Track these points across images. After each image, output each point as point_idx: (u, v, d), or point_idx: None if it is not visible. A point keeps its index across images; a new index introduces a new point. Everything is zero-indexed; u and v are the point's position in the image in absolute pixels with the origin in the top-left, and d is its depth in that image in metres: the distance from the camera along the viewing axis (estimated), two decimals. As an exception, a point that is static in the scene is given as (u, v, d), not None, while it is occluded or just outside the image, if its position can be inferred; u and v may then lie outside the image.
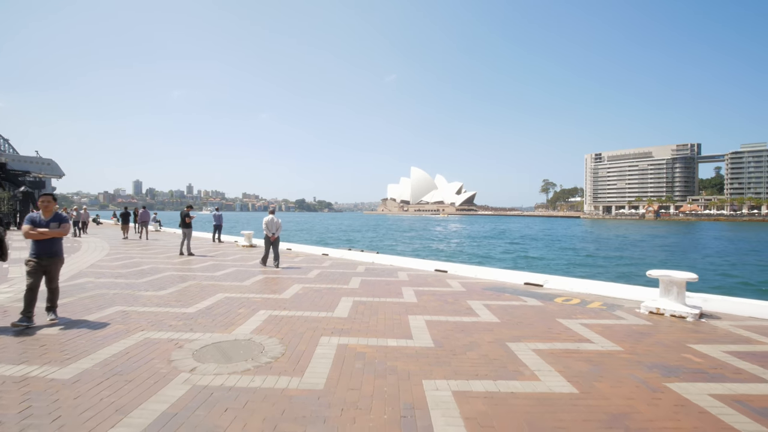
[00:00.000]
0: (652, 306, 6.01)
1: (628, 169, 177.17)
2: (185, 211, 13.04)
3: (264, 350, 4.06)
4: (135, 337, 4.43)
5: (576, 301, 6.71)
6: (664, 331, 5.09)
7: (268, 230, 10.40)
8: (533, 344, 4.41)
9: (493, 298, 6.80)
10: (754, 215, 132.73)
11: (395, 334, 4.67)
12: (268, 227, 10.41)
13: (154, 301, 6.23)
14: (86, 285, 7.46)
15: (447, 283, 8.17)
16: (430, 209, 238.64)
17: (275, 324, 5.01)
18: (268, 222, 10.46)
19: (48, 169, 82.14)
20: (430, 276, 9.12)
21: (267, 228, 10.42)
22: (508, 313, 5.82)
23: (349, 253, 13.01)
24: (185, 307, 5.82)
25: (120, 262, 10.79)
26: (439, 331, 4.85)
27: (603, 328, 5.10)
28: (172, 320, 5.13)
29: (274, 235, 10.38)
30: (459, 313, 5.74)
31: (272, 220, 10.47)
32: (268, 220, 10.50)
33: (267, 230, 10.41)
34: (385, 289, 7.53)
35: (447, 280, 8.59)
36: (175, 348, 4.08)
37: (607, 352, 4.22)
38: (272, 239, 10.36)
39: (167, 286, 7.43)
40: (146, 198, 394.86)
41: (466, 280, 8.55)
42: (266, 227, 10.42)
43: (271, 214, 10.65)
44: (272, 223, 10.46)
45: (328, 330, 4.80)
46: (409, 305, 6.20)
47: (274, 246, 10.45)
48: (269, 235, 10.36)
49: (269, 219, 10.50)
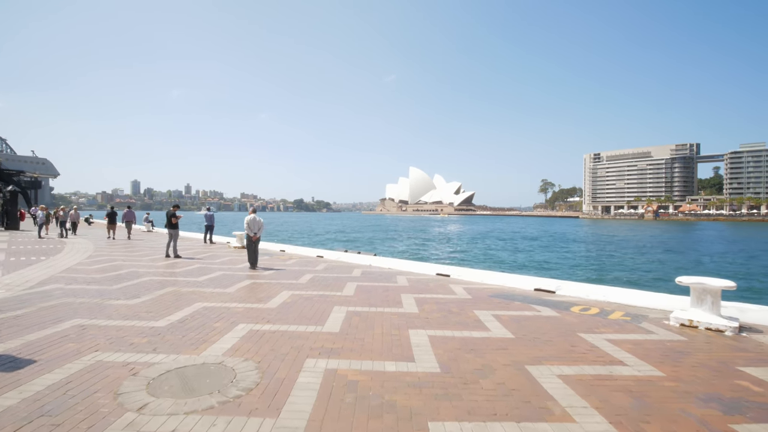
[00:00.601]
0: (683, 317, 5.34)
1: (627, 169, 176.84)
2: (171, 211, 12.33)
3: (235, 378, 3.36)
4: (85, 360, 3.72)
5: (595, 310, 6.03)
6: (703, 348, 4.41)
7: (250, 230, 10.09)
8: (557, 368, 3.73)
9: (503, 308, 6.11)
10: (753, 215, 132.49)
11: (394, 355, 3.98)
12: (250, 227, 10.11)
13: (122, 311, 5.53)
14: (53, 292, 6.75)
15: (450, 290, 7.48)
16: (428, 209, 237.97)
17: (255, 342, 4.31)
18: (251, 221, 10.17)
19: (42, 169, 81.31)
20: (431, 281, 8.43)
21: (249, 227, 10.10)
22: (522, 326, 5.14)
23: (345, 255, 12.32)
24: (155, 320, 5.11)
25: (99, 266, 10.07)
26: (445, 350, 4.17)
27: (633, 346, 4.42)
28: (135, 336, 4.42)
29: (256, 235, 10.09)
30: (466, 327, 5.05)
31: (254, 220, 10.18)
32: (250, 220, 10.20)
33: (249, 230, 10.09)
34: (383, 296, 6.84)
35: (450, 285, 7.91)
36: (129, 375, 3.38)
37: (646, 379, 3.54)
38: (254, 239, 10.05)
39: (142, 294, 6.72)
40: (144, 198, 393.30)
41: (471, 286, 7.86)
42: (248, 227, 10.12)
43: (252, 214, 10.37)
44: (254, 223, 10.15)
45: (316, 349, 4.10)
46: (409, 317, 5.51)
47: (255, 246, 10.13)
48: (251, 234, 10.04)
49: (251, 218, 10.23)
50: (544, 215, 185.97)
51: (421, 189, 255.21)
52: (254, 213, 10.42)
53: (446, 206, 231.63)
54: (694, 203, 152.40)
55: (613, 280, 18.96)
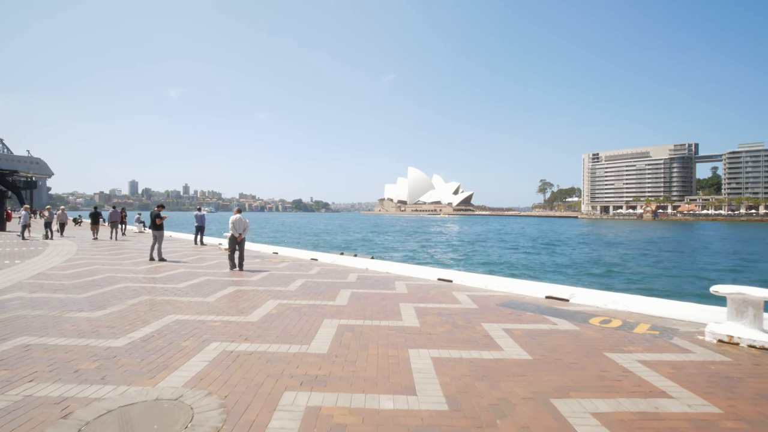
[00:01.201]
0: (720, 332, 4.68)
1: (625, 169, 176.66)
2: (155, 211, 11.62)
3: (192, 421, 2.68)
4: (11, 395, 3.03)
5: (617, 323, 5.37)
6: (754, 372, 3.75)
7: (235, 230, 9.73)
8: (590, 402, 3.06)
9: (514, 320, 5.45)
10: (751, 215, 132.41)
11: (392, 385, 3.31)
12: (235, 227, 9.74)
13: (80, 326, 4.84)
14: (10, 303, 6.04)
15: (454, 297, 6.81)
16: (427, 209, 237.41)
17: (226, 367, 3.63)
18: (236, 221, 9.79)
19: (36, 168, 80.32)
20: (432, 287, 7.76)
21: (234, 228, 9.73)
22: (539, 343, 4.47)
23: (341, 258, 11.63)
24: (114, 338, 4.42)
25: (74, 270, 9.36)
26: (452, 377, 3.49)
27: (673, 370, 3.76)
28: (84, 360, 3.74)
29: (241, 236, 9.75)
30: (475, 344, 4.38)
31: (239, 220, 9.82)
32: (235, 220, 9.82)
33: (234, 230, 9.72)
34: (380, 306, 6.16)
35: (453, 292, 7.23)
36: (58, 419, 2.69)
37: (700, 418, 2.87)
38: (239, 239, 9.72)
39: (110, 304, 6.03)
40: (142, 198, 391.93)
41: (476, 293, 7.19)
42: (233, 227, 9.74)
43: (237, 214, 10.07)
44: (239, 223, 9.79)
45: (298, 377, 3.42)
46: (409, 332, 4.84)
47: (240, 247, 9.79)
48: (236, 235, 9.71)
49: (236, 218, 9.84)
50: (543, 215, 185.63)
51: (419, 189, 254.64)
52: (239, 213, 10.13)
53: (445, 206, 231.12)
54: (693, 203, 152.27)
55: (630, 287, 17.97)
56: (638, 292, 13.52)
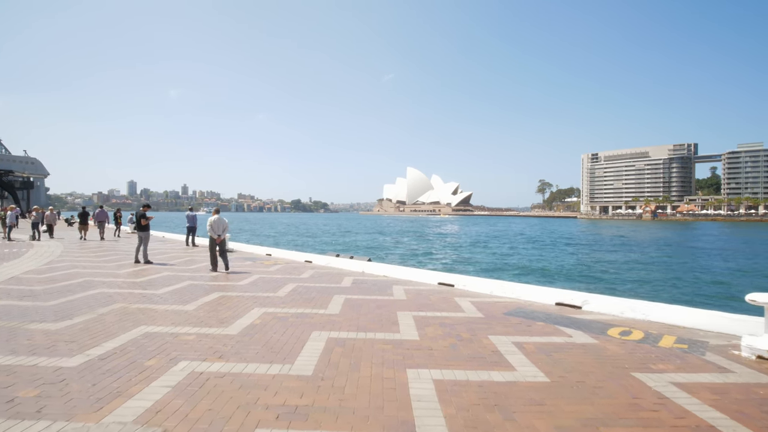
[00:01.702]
0: (760, 347, 4.14)
1: (624, 169, 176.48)
2: (141, 211, 11.06)
3: (133, 475, 2.12)
4: None
5: (639, 334, 4.83)
6: (809, 398, 3.21)
7: (213, 231, 9.41)
8: (627, 442, 2.51)
9: (524, 331, 4.90)
10: (751, 215, 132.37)
11: (386, 419, 2.75)
12: (213, 228, 9.41)
13: (36, 341, 4.27)
14: (-33, 311, 5.48)
15: (456, 304, 6.27)
16: (426, 209, 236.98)
17: (190, 394, 3.07)
18: (214, 222, 9.45)
19: (32, 168, 79.68)
20: (433, 292, 7.21)
21: (212, 229, 9.43)
22: (555, 360, 3.92)
23: (336, 261, 11.07)
24: (70, 355, 3.86)
25: (51, 274, 8.79)
26: (459, 407, 2.94)
27: (715, 395, 3.21)
28: (26, 385, 3.17)
29: (220, 237, 9.44)
30: (483, 362, 3.83)
31: (218, 221, 9.49)
32: (213, 221, 9.45)
33: (212, 231, 9.41)
34: (375, 315, 5.61)
35: (455, 299, 6.69)
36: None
37: (767, 464, 2.33)
38: (218, 241, 9.43)
39: (78, 313, 5.46)
40: (141, 198, 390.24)
41: (481, 299, 6.65)
42: (211, 228, 9.41)
43: (216, 214, 9.68)
44: (218, 224, 9.48)
45: (274, 408, 2.87)
46: (407, 347, 4.29)
47: (221, 248, 9.54)
48: (215, 237, 9.39)
49: (215, 219, 9.49)
50: (543, 215, 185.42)
51: (418, 189, 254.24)
52: (218, 214, 9.76)
53: (444, 206, 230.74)
54: (692, 203, 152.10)
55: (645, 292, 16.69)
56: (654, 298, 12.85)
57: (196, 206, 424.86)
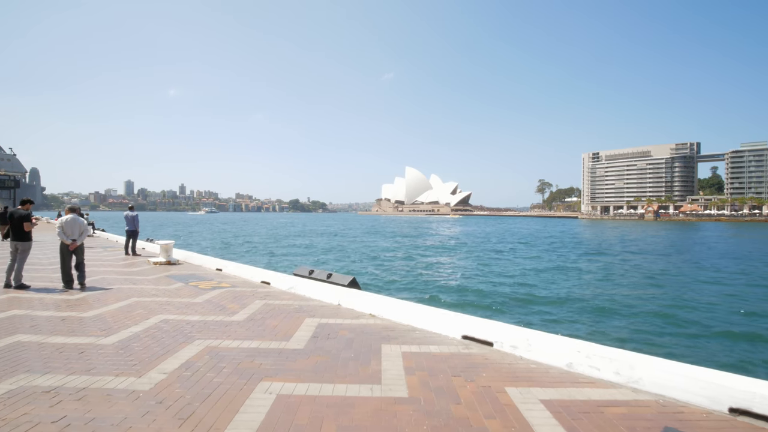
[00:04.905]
0: None
1: (626, 168, 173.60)
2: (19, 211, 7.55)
3: None
4: None
5: None
6: None
7: (65, 235, 7.50)
8: None
9: None
10: (755, 216, 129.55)
11: None
12: (65, 230, 7.48)
13: None
14: None
15: (509, 404, 2.84)
16: (425, 210, 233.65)
17: None
18: (66, 224, 7.51)
19: (8, 166, 75.73)
20: (456, 366, 3.75)
21: (63, 231, 7.48)
22: None
23: (304, 285, 7.51)
24: None
25: None
26: None
27: None
28: None
29: (75, 242, 7.54)
30: None
31: (73, 221, 7.61)
32: (65, 222, 7.56)
33: (64, 235, 7.49)
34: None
35: (508, 390, 3.23)
36: None
37: None
38: (72, 247, 7.49)
39: None
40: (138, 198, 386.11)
41: (561, 391, 3.20)
42: (62, 231, 7.46)
43: (71, 213, 7.76)
44: (71, 225, 7.57)
45: None
46: None
47: (77, 255, 7.57)
48: (67, 242, 7.48)
49: (68, 220, 7.60)
50: (543, 215, 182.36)
51: (417, 189, 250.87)
52: (73, 212, 7.77)
53: (443, 206, 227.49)
54: (695, 203, 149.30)
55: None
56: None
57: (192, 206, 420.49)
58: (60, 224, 7.53)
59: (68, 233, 7.54)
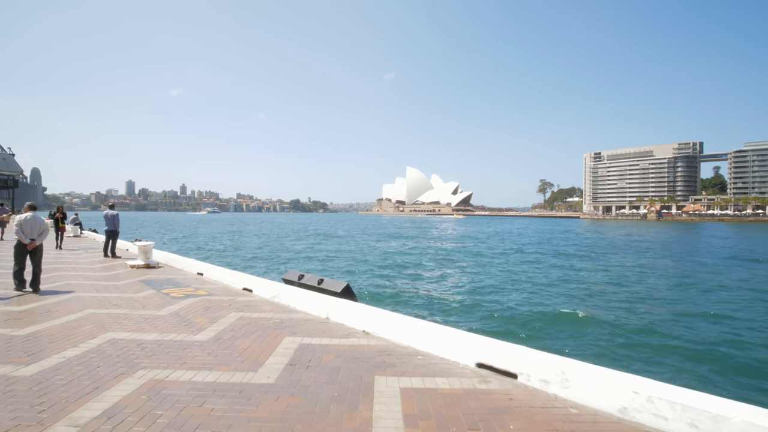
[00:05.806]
0: None
1: (628, 168, 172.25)
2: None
3: None
4: None
5: None
6: None
7: (23, 235, 6.97)
8: None
9: None
10: (759, 216, 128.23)
11: None
12: (23, 229, 6.95)
13: None
14: None
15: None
16: (426, 210, 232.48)
17: None
18: (25, 222, 6.96)
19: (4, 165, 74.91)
20: (469, 404, 2.82)
21: (22, 230, 6.95)
22: None
23: (290, 293, 6.57)
24: None
25: None
26: None
27: None
28: None
29: (33, 242, 7.02)
30: None
31: (32, 220, 7.07)
32: (24, 220, 6.98)
33: (22, 235, 6.97)
34: None
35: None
36: None
37: None
38: (30, 247, 6.98)
39: None
40: (139, 198, 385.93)
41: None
42: (20, 230, 6.92)
43: (31, 211, 7.16)
44: (30, 224, 7.08)
45: None
46: None
47: (33, 257, 7.02)
48: (25, 242, 6.95)
49: (27, 218, 7.02)
50: (544, 216, 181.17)
51: (418, 189, 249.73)
52: (33, 211, 7.13)
53: (444, 206, 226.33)
54: (698, 203, 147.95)
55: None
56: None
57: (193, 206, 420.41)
58: (18, 222, 7.01)
59: (27, 232, 7.05)
